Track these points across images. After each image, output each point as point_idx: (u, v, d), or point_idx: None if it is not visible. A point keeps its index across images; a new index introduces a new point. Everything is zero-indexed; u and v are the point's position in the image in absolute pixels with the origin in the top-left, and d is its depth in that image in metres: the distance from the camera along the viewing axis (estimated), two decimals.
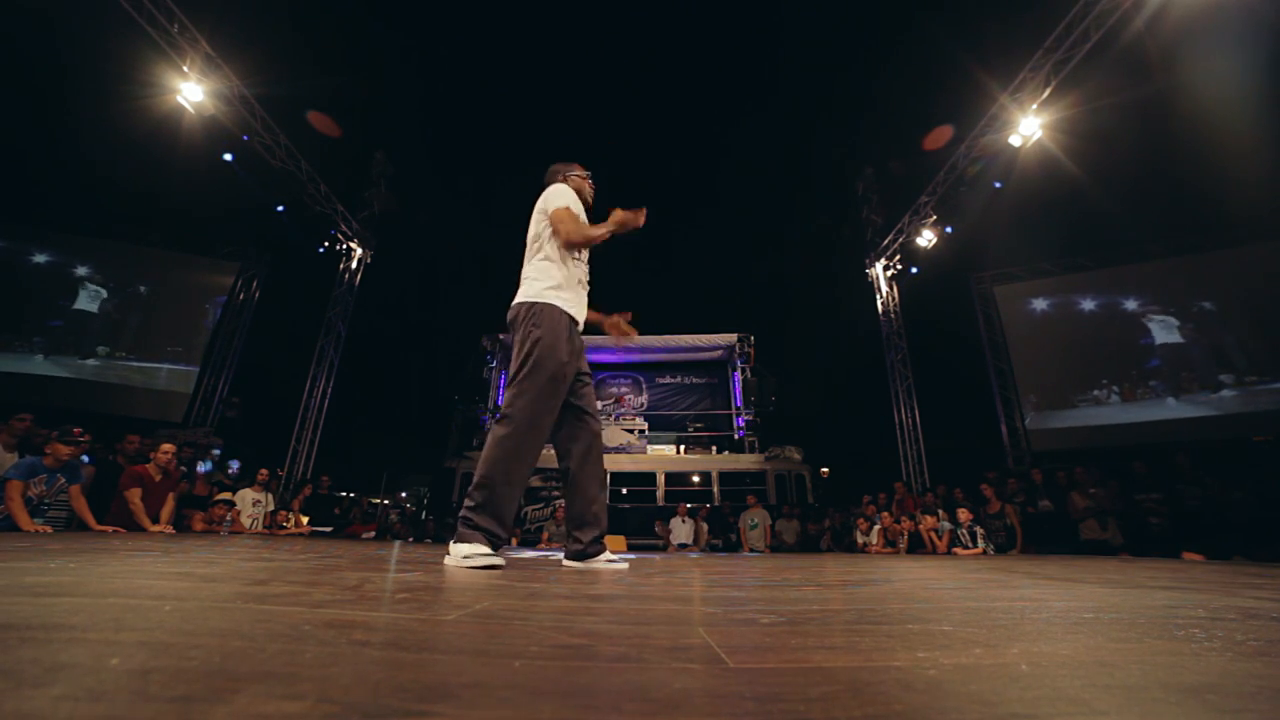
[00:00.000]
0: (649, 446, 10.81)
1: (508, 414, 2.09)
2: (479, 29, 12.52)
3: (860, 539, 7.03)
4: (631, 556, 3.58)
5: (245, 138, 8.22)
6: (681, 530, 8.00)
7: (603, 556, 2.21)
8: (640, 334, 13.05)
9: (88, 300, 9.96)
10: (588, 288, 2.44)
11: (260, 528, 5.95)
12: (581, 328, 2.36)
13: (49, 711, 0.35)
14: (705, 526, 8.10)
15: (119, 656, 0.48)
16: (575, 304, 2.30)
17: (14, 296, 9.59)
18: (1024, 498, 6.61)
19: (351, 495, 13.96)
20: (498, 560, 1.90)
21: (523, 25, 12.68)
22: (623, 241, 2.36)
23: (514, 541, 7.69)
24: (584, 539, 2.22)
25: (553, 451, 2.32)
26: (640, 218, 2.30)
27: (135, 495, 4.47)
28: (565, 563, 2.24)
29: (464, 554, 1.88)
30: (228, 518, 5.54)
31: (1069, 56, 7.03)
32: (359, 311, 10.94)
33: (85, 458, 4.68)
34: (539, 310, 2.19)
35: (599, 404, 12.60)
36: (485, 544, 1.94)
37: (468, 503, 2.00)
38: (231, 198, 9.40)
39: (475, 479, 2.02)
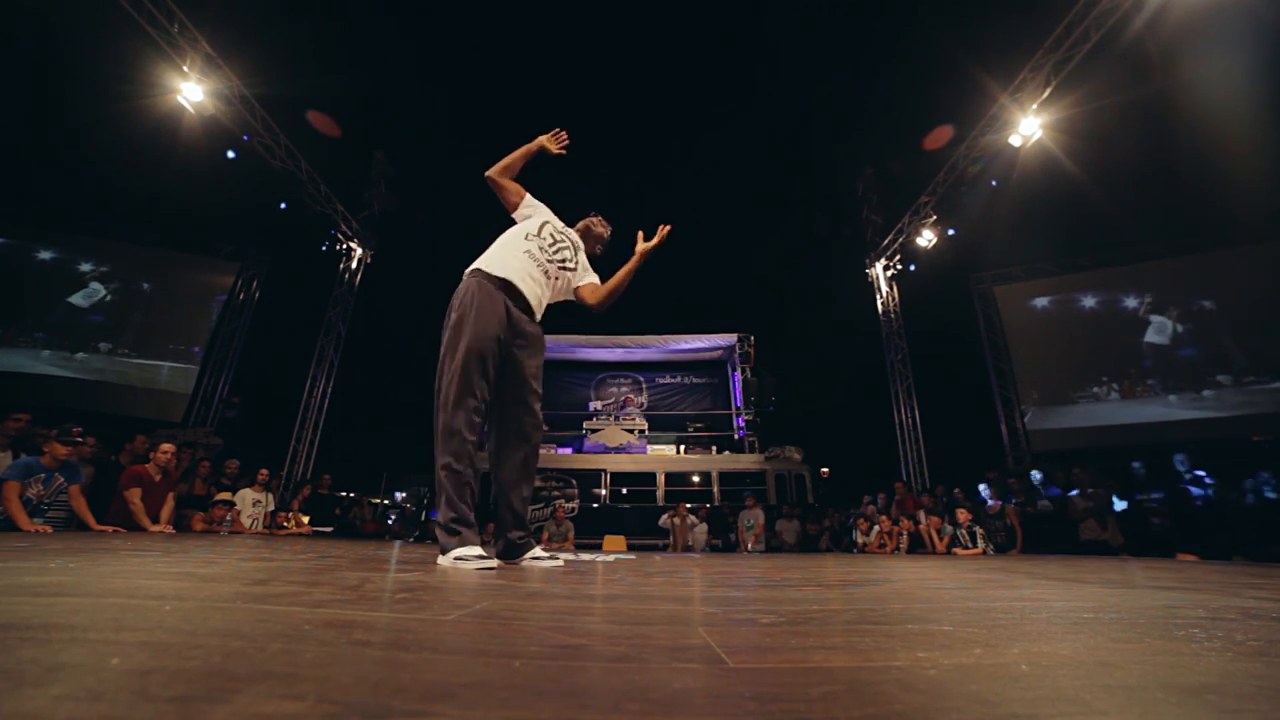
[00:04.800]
0: (649, 446, 10.80)
1: None
2: (479, 28, 12.51)
3: (860, 539, 7.03)
4: (630, 556, 3.59)
5: (245, 138, 8.22)
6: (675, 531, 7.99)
7: (531, 553, 2.23)
8: (640, 334, 12.98)
9: (91, 297, 9.96)
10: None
11: (260, 528, 5.94)
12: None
13: (49, 711, 0.35)
14: (704, 526, 8.09)
15: (119, 656, 0.48)
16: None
17: (17, 293, 9.59)
18: (1024, 498, 6.61)
19: (351, 495, 13.94)
20: (491, 562, 1.92)
21: (522, 25, 12.67)
22: (622, 241, 2.37)
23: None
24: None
25: (553, 451, 2.34)
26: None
27: (135, 495, 4.47)
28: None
29: (456, 555, 1.90)
30: (228, 518, 5.54)
31: (1069, 56, 7.03)
32: (359, 311, 10.94)
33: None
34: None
35: (599, 404, 12.63)
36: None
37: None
38: (231, 198, 9.40)
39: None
